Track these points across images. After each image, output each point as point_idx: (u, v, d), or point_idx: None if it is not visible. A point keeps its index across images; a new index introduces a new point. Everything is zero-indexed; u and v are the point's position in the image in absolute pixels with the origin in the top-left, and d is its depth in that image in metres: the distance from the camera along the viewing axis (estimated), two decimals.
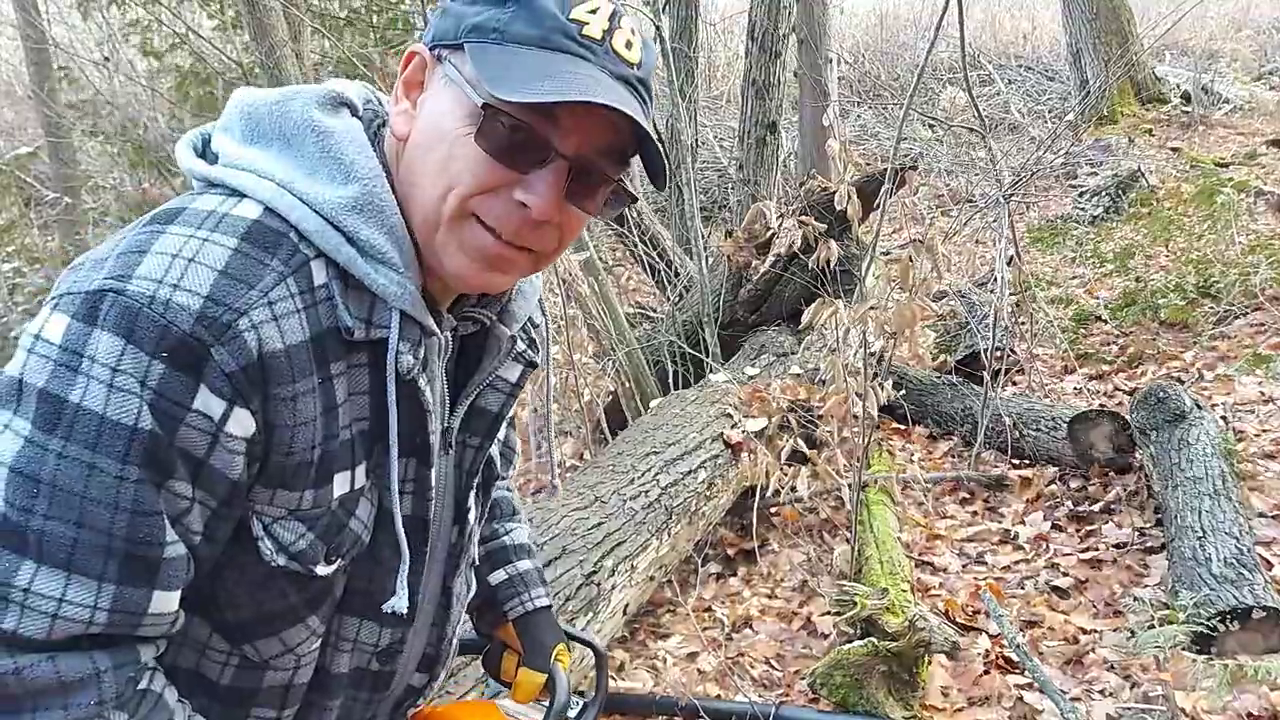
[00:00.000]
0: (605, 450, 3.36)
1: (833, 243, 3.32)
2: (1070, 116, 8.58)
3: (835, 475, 3.07)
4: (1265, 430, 3.39)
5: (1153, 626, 2.13)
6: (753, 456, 3.10)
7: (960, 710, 2.33)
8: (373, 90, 0.97)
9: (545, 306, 1.12)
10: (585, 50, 0.83)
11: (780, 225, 3.79)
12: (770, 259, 4.04)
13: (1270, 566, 2.57)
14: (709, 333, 4.04)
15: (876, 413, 2.96)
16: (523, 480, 3.86)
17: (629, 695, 2.45)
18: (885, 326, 2.96)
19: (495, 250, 0.86)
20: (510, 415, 1.10)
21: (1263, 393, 3.66)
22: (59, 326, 0.77)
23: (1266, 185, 6.14)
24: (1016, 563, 3.00)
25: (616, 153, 0.86)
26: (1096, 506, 3.16)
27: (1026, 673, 2.34)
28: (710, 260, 4.51)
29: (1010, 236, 3.94)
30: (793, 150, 7.34)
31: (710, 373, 3.83)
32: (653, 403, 3.69)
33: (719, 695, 2.49)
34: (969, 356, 4.12)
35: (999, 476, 3.45)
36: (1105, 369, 4.26)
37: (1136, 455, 3.25)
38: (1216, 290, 4.50)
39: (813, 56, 6.37)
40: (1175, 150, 7.89)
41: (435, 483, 0.96)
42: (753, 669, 2.63)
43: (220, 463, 0.80)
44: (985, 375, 3.63)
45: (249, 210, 0.83)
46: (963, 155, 8.12)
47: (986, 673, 2.44)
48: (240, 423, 0.80)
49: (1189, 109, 8.85)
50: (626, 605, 2.62)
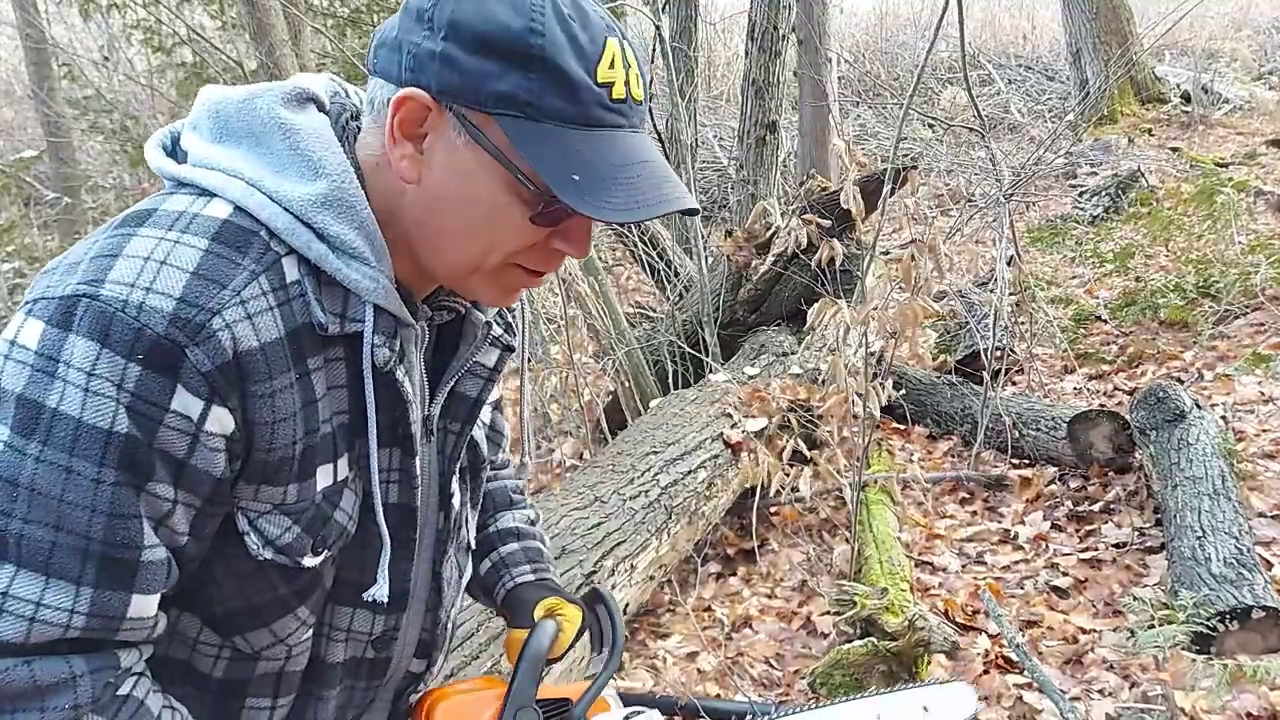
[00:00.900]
0: (605, 450, 3.36)
1: (835, 242, 3.32)
2: (1070, 116, 8.59)
3: (835, 475, 3.07)
4: (1265, 430, 3.39)
5: (1152, 626, 2.13)
6: (752, 456, 3.10)
7: None
8: (339, 82, 0.97)
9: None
10: (618, 116, 0.84)
11: (785, 224, 3.79)
12: (770, 259, 4.05)
13: (1270, 566, 2.57)
14: (709, 333, 4.05)
15: (878, 412, 2.97)
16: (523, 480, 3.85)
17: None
18: (886, 326, 2.96)
19: (526, 283, 0.93)
20: (493, 399, 1.13)
21: (1262, 392, 3.66)
22: (34, 332, 0.78)
23: (1266, 185, 6.14)
24: (1016, 562, 3.00)
25: None
26: (1096, 506, 3.16)
27: (1026, 672, 2.34)
28: (710, 260, 4.51)
29: (1010, 236, 3.94)
30: (792, 150, 7.34)
31: (710, 373, 3.83)
32: (653, 403, 3.70)
33: (719, 694, 2.49)
34: (969, 356, 4.13)
35: (999, 476, 3.45)
36: (1105, 369, 4.26)
37: (1136, 455, 3.25)
38: (1216, 290, 4.50)
39: (812, 56, 6.37)
40: (1175, 150, 7.89)
41: (419, 470, 0.97)
42: (752, 668, 2.63)
43: (202, 462, 0.81)
44: (985, 375, 3.63)
45: (219, 210, 0.84)
46: (963, 155, 8.13)
47: (986, 672, 2.44)
48: (219, 421, 0.81)
49: (1189, 109, 8.86)
50: (626, 605, 2.62)
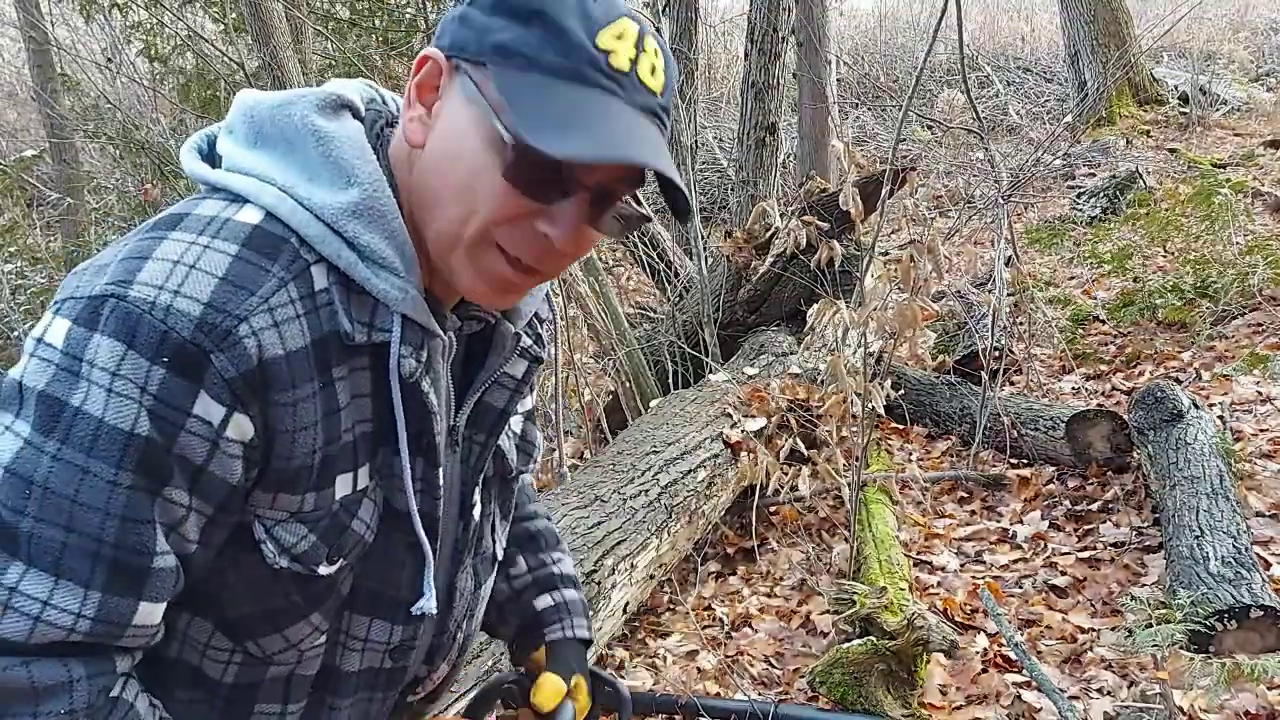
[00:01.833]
0: (605, 450, 3.37)
1: (835, 243, 3.33)
2: (1068, 118, 8.60)
3: (834, 474, 3.08)
4: (1263, 430, 3.40)
5: (1150, 625, 2.14)
6: (752, 456, 3.11)
7: (958, 708, 2.34)
8: (376, 89, 0.98)
9: (553, 302, 1.13)
10: (613, 84, 0.82)
11: (785, 225, 3.81)
12: (770, 259, 4.06)
13: (1268, 566, 2.58)
14: (709, 333, 4.06)
15: (881, 409, 2.98)
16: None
17: (637, 694, 2.46)
18: (885, 327, 2.97)
19: (510, 277, 0.87)
20: (526, 410, 1.12)
21: (1260, 392, 3.67)
22: (61, 331, 0.78)
23: (1264, 186, 6.15)
24: (1014, 562, 3.01)
25: (636, 178, 0.87)
26: (1094, 506, 3.17)
27: (1024, 671, 2.35)
28: (710, 260, 4.52)
29: (1009, 237, 3.96)
30: (792, 151, 7.35)
31: (710, 372, 3.84)
32: (653, 402, 3.71)
33: (719, 693, 2.50)
34: (967, 356, 4.14)
35: (997, 476, 3.46)
36: (1103, 369, 4.27)
37: (1134, 455, 3.26)
38: (1214, 290, 4.51)
39: (812, 58, 6.39)
40: (1173, 151, 7.90)
41: (442, 481, 0.96)
42: (752, 667, 2.64)
43: (219, 469, 0.81)
44: (984, 375, 3.64)
45: (250, 215, 0.84)
46: (961, 156, 8.14)
47: (984, 671, 2.45)
48: (239, 428, 0.80)
49: (1187, 110, 8.87)
50: (626, 604, 2.63)
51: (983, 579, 2.87)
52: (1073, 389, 4.14)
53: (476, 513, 1.07)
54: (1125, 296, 4.87)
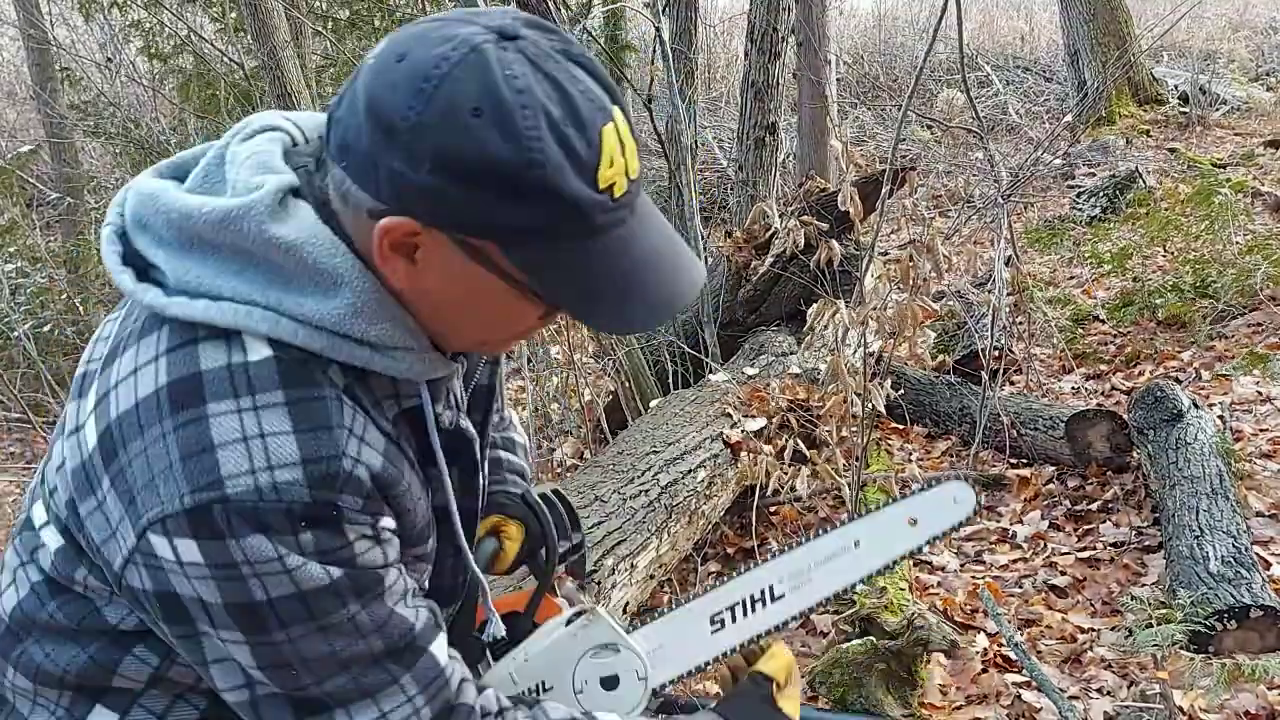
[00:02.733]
0: (605, 450, 3.37)
1: (834, 243, 3.33)
2: (1068, 117, 8.60)
3: (834, 474, 3.08)
4: (1263, 429, 3.40)
5: (1150, 625, 2.14)
6: (752, 456, 3.11)
7: (959, 708, 2.34)
8: (288, 125, 0.90)
9: None
10: (624, 211, 0.81)
11: (781, 225, 3.81)
12: (770, 259, 4.06)
13: (1268, 565, 2.58)
14: (708, 333, 4.05)
15: (882, 408, 2.97)
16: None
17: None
18: (885, 326, 2.97)
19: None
20: (497, 381, 1.16)
21: (1260, 392, 3.67)
22: (189, 549, 0.79)
23: (1264, 186, 6.15)
24: (1014, 561, 3.01)
25: None
26: (1094, 506, 3.17)
27: (1024, 671, 2.35)
28: (710, 260, 4.52)
29: (1008, 237, 3.95)
30: (791, 151, 7.34)
31: (710, 372, 3.84)
32: (653, 403, 3.70)
33: (719, 693, 2.50)
34: (967, 356, 4.14)
35: (997, 476, 3.46)
36: (1103, 369, 4.27)
37: (1134, 455, 3.26)
38: (1214, 290, 4.51)
39: (812, 58, 6.38)
40: (1173, 151, 7.90)
41: (475, 474, 1.03)
42: None
43: (393, 547, 0.88)
44: (983, 375, 3.64)
45: (259, 350, 0.81)
46: (961, 156, 8.14)
47: (984, 671, 2.45)
48: (386, 523, 0.87)
49: (1186, 110, 8.87)
50: (626, 604, 2.63)
51: (983, 579, 2.87)
52: (1072, 389, 4.14)
53: (485, 482, 1.12)
54: (1125, 296, 4.87)
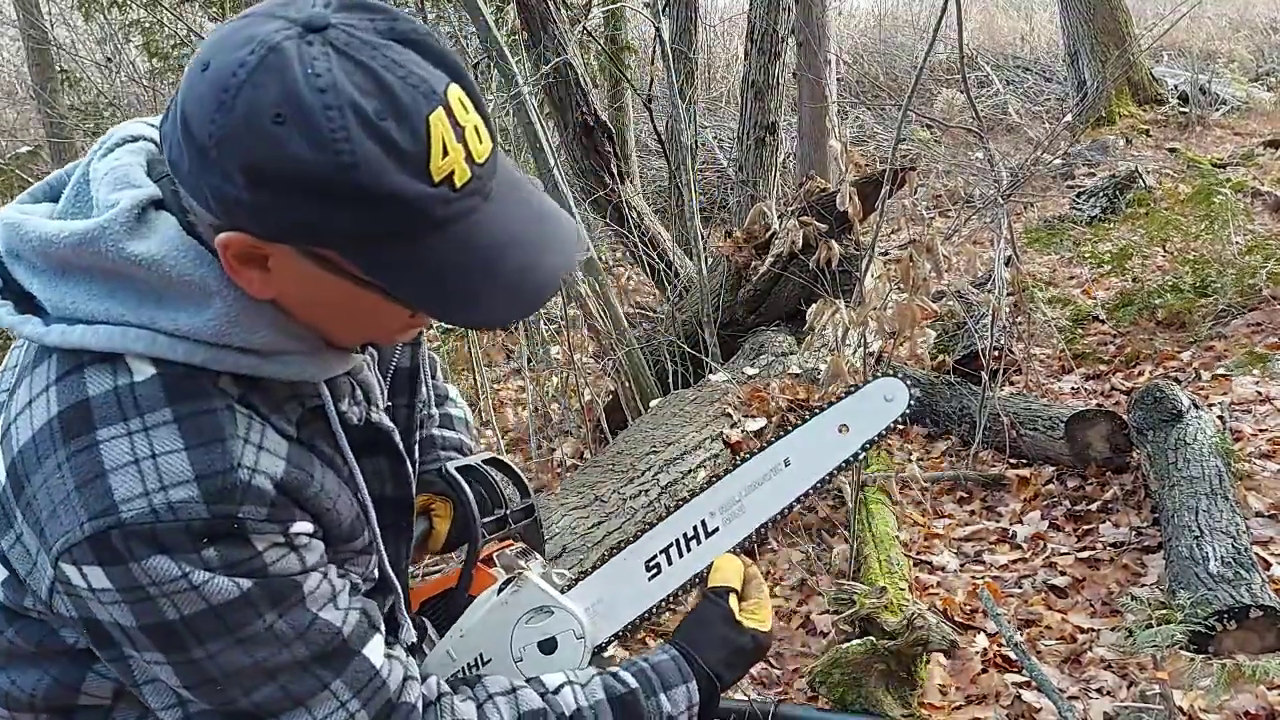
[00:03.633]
0: (605, 449, 3.37)
1: (834, 243, 3.33)
2: (1068, 117, 8.60)
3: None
4: (1262, 430, 3.40)
5: (1150, 625, 2.14)
6: None
7: (958, 708, 2.34)
8: (150, 133, 0.87)
9: None
10: (472, 198, 0.75)
11: (780, 225, 3.81)
12: (770, 259, 4.06)
13: (1268, 566, 2.58)
14: (708, 333, 4.05)
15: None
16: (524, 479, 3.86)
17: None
18: (885, 326, 2.97)
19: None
20: (420, 361, 1.13)
21: (1260, 392, 3.67)
22: (97, 575, 0.78)
23: (1264, 186, 6.15)
24: (1014, 562, 3.01)
25: None
26: (1094, 506, 3.17)
27: (1024, 671, 2.35)
28: (710, 260, 4.52)
29: (1008, 237, 3.95)
30: (791, 151, 7.35)
31: (710, 372, 3.84)
32: (653, 403, 3.71)
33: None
34: (967, 356, 4.13)
35: (997, 476, 3.46)
36: (1102, 369, 4.27)
37: (1134, 455, 3.26)
38: (1214, 290, 4.51)
39: (811, 58, 6.38)
40: (1172, 151, 7.90)
41: (405, 463, 1.01)
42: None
43: (314, 551, 0.86)
44: (983, 375, 3.64)
45: (143, 369, 0.80)
46: (961, 156, 8.13)
47: (984, 671, 2.45)
48: (303, 527, 0.85)
49: (1186, 110, 8.87)
50: None
51: (982, 579, 2.87)
52: (1072, 389, 4.14)
53: (416, 468, 1.11)
54: (1125, 296, 4.86)
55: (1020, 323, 4.26)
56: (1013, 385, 4.16)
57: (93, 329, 0.79)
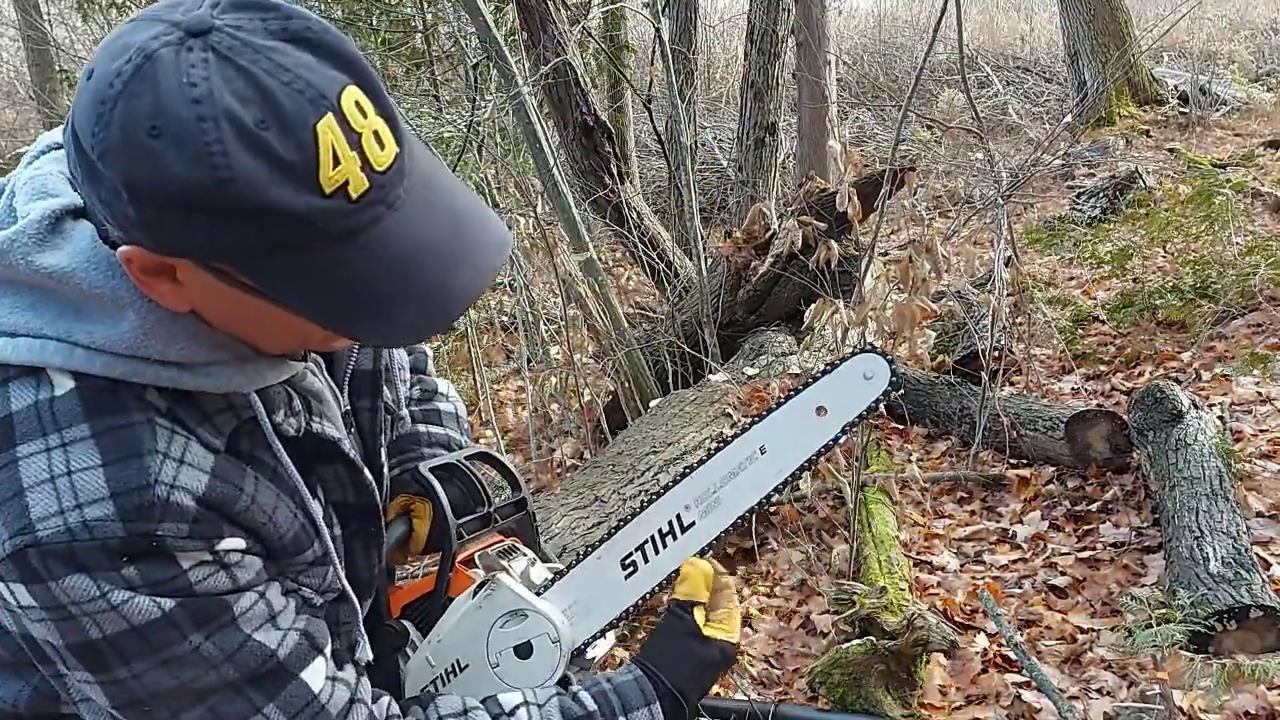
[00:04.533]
0: (605, 450, 3.37)
1: (833, 243, 3.33)
2: (1068, 118, 8.60)
3: (834, 474, 3.07)
4: (1262, 430, 3.40)
5: (1150, 625, 2.14)
6: None
7: (958, 708, 2.34)
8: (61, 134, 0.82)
9: None
10: (374, 207, 0.71)
11: (780, 225, 3.81)
12: (769, 259, 4.05)
13: (1268, 566, 2.58)
14: (708, 333, 4.05)
15: (883, 408, 2.97)
16: (523, 479, 3.86)
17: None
18: (885, 327, 2.97)
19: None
20: (386, 361, 1.10)
21: (1260, 393, 3.67)
22: (22, 593, 0.77)
23: (1264, 186, 6.15)
24: (1014, 562, 3.01)
25: None
26: (1094, 506, 3.16)
27: (1024, 671, 2.34)
28: (709, 261, 4.52)
29: (1008, 237, 3.95)
30: (791, 152, 7.35)
31: (709, 373, 3.84)
32: (652, 403, 3.70)
33: (718, 693, 2.49)
34: (967, 356, 4.13)
35: (997, 476, 3.46)
36: (1103, 369, 4.27)
37: (1134, 455, 3.26)
38: (1214, 291, 4.51)
39: (811, 58, 6.38)
40: (1173, 151, 7.91)
41: (363, 468, 0.99)
42: (751, 667, 2.64)
43: (248, 570, 0.84)
44: (983, 375, 3.64)
45: (62, 383, 0.78)
46: (961, 156, 8.14)
47: (984, 671, 2.45)
48: (233, 544, 0.82)
49: (1186, 110, 8.87)
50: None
51: (982, 579, 2.87)
52: (1072, 389, 4.14)
53: (388, 471, 1.10)
54: (1125, 297, 4.87)
55: (1020, 323, 4.26)
56: (1013, 385, 4.15)
57: (13, 342, 0.77)
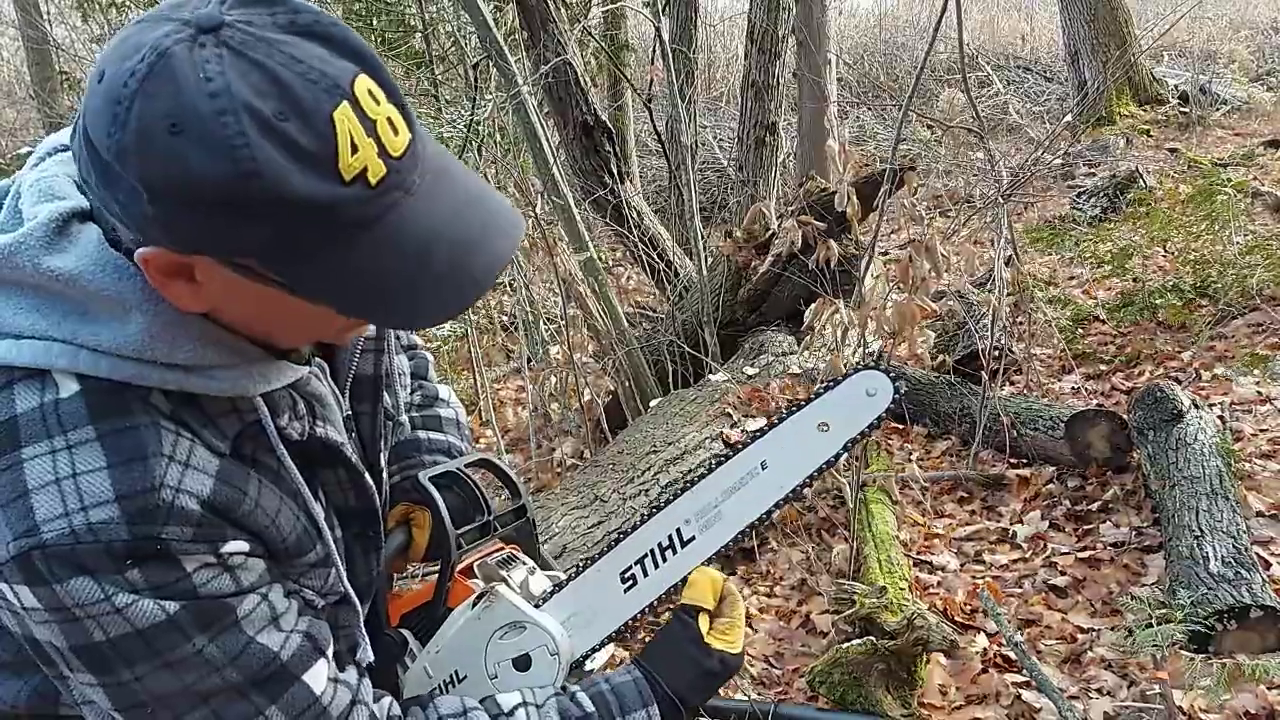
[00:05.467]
0: (605, 449, 3.37)
1: (833, 242, 3.33)
2: (1068, 117, 8.59)
3: (834, 474, 3.07)
4: (1262, 430, 3.40)
5: (1150, 625, 2.13)
6: None
7: (958, 708, 2.34)
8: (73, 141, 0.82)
9: None
10: (392, 193, 0.72)
11: (780, 225, 3.80)
12: (769, 259, 4.05)
13: (1268, 566, 2.57)
14: (709, 333, 4.05)
15: None
16: (523, 479, 3.87)
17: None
18: (884, 326, 2.97)
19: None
20: (387, 366, 1.10)
21: (1260, 392, 3.67)
22: (26, 595, 0.77)
23: (1264, 186, 6.15)
24: (1014, 561, 3.01)
25: None
26: (1094, 506, 3.16)
27: (1024, 671, 2.34)
28: (710, 260, 4.52)
29: (1009, 237, 3.95)
30: (791, 151, 7.35)
31: (710, 372, 3.84)
32: (653, 402, 3.70)
33: (718, 693, 2.49)
34: (967, 356, 4.13)
35: (997, 476, 3.46)
36: (1103, 369, 4.27)
37: (1134, 455, 3.25)
38: (1214, 290, 4.51)
39: (812, 58, 6.38)
40: (1173, 151, 7.91)
41: (364, 472, 0.99)
42: (751, 667, 2.64)
43: (251, 572, 0.84)
44: (983, 375, 3.63)
45: (68, 385, 0.78)
46: (961, 156, 8.13)
47: (984, 671, 2.45)
48: (236, 547, 0.82)
49: (1187, 110, 8.87)
50: None
51: (983, 579, 2.87)
52: (1073, 389, 4.14)
53: (385, 475, 1.10)
54: (1125, 296, 4.87)
55: (1020, 322, 4.26)
56: (1013, 385, 4.15)
57: (18, 344, 0.77)
